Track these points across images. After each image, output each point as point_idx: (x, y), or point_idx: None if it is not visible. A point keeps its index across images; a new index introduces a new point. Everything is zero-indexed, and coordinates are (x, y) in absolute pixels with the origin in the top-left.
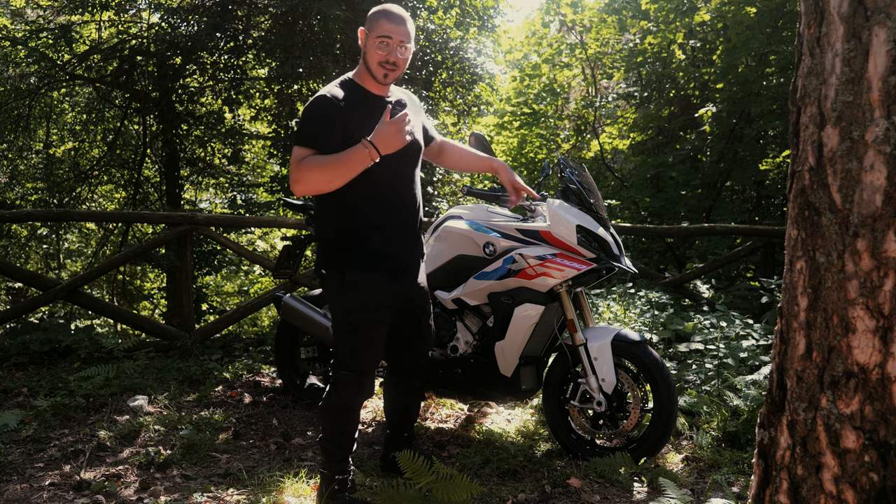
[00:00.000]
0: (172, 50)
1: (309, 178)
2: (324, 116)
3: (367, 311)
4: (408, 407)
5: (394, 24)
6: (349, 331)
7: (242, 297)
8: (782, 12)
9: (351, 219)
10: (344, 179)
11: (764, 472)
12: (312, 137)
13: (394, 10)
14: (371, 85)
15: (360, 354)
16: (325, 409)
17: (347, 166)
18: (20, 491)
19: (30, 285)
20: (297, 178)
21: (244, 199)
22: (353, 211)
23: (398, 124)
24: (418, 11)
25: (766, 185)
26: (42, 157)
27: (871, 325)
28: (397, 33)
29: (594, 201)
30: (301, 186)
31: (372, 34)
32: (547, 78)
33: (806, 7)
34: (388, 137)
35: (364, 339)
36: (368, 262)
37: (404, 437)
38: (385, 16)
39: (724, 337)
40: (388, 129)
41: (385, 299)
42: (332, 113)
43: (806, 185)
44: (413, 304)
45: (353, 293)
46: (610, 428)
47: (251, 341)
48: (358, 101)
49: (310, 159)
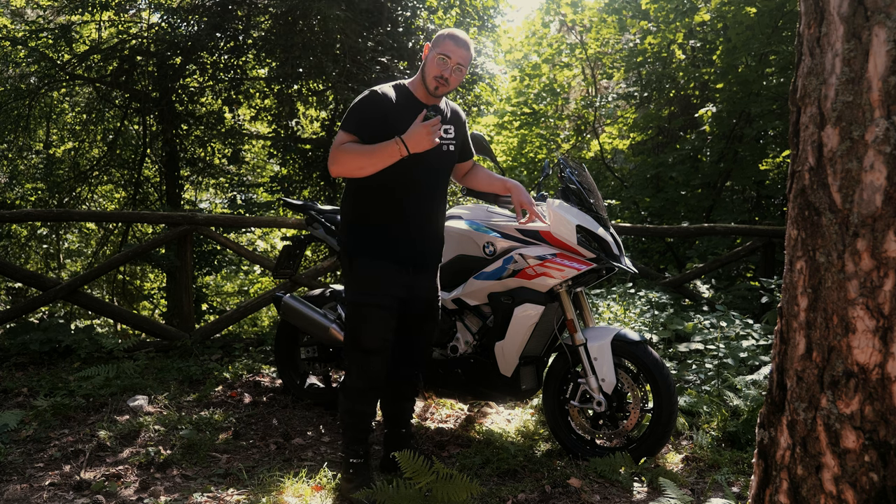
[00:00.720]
0: (172, 50)
1: (344, 161)
2: (369, 109)
3: (370, 296)
4: (404, 402)
5: (457, 46)
6: (354, 311)
7: (242, 297)
8: (782, 12)
9: (368, 203)
10: (374, 168)
11: (764, 472)
12: (355, 124)
13: (460, 36)
14: (421, 94)
15: (363, 334)
16: (340, 391)
17: (379, 157)
18: (20, 491)
19: (30, 285)
20: (334, 158)
21: (244, 199)
22: (372, 197)
23: (429, 127)
24: (418, 11)
25: (766, 185)
26: (42, 157)
27: (871, 325)
28: (456, 55)
29: (594, 201)
30: (336, 167)
31: (435, 50)
32: (547, 78)
33: (806, 7)
34: (418, 138)
35: (367, 321)
36: (376, 250)
37: (402, 434)
38: (451, 38)
39: (724, 337)
40: (420, 130)
41: (389, 287)
42: (379, 107)
43: (806, 185)
44: (419, 299)
45: (359, 277)
46: (610, 428)
47: (251, 341)
48: (405, 105)
49: (348, 145)
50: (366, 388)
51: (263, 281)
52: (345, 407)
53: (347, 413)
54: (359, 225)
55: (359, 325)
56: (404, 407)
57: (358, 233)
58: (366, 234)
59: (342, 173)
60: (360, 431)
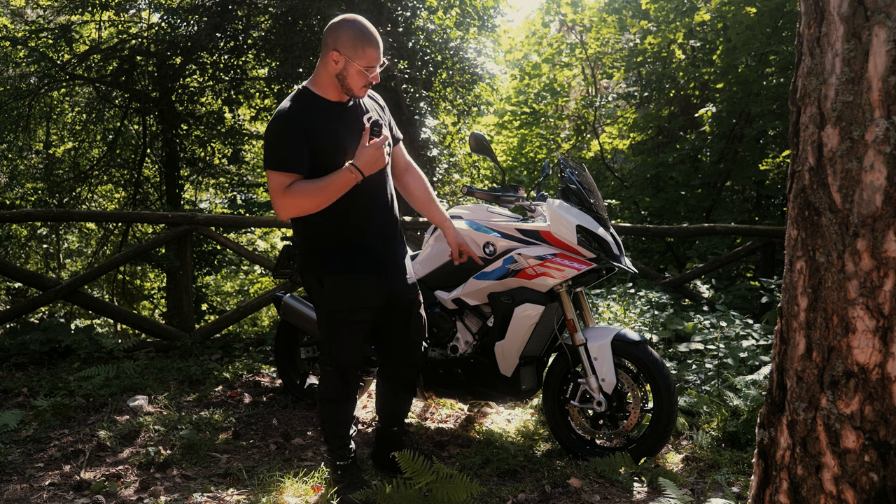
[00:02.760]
0: (172, 50)
1: (297, 205)
2: (289, 135)
3: (345, 313)
4: (400, 400)
5: (378, 50)
6: (329, 330)
7: (242, 297)
8: (782, 12)
9: (327, 222)
10: (330, 201)
11: (764, 472)
12: (287, 160)
13: (374, 35)
14: (332, 94)
15: (339, 352)
16: (318, 400)
17: (334, 190)
18: (20, 491)
19: (30, 285)
20: (283, 204)
21: (244, 199)
22: (329, 215)
23: (379, 146)
24: (418, 11)
25: (766, 185)
26: (42, 157)
27: (871, 325)
28: (379, 59)
29: (594, 201)
30: (288, 212)
31: (356, 62)
32: (547, 77)
33: (806, 7)
34: (371, 160)
35: (344, 338)
36: (345, 263)
37: (394, 432)
38: (369, 43)
39: (724, 337)
40: (371, 152)
41: (363, 301)
42: (296, 128)
43: (806, 185)
44: (399, 300)
45: (331, 295)
46: (610, 428)
47: (251, 341)
48: (318, 111)
49: (296, 187)
50: (342, 398)
51: (263, 281)
52: (325, 416)
53: (328, 422)
54: (319, 245)
55: (333, 340)
56: (401, 408)
57: (319, 253)
58: (328, 252)
59: (296, 215)
60: (343, 437)
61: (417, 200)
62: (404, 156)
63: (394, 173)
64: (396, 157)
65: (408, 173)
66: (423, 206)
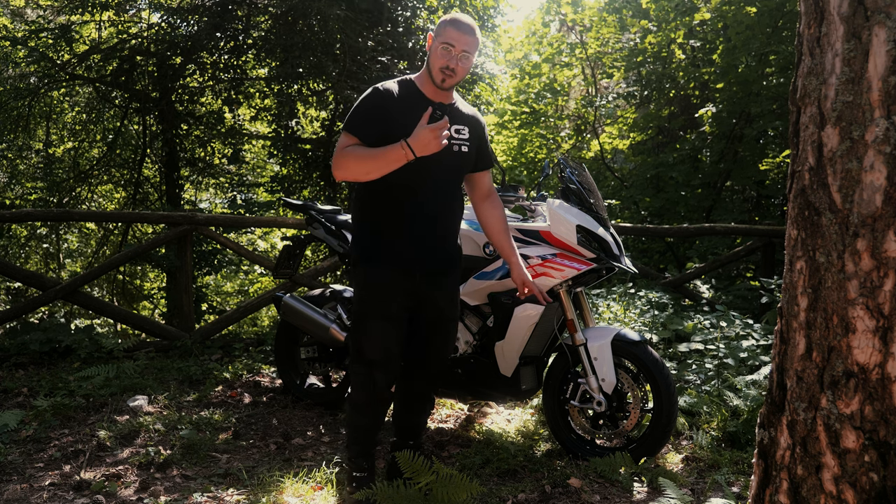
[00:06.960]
0: (172, 50)
1: (348, 166)
2: (372, 108)
3: (373, 304)
4: (411, 412)
5: (460, 32)
6: (358, 322)
7: (242, 297)
8: (782, 12)
9: (374, 207)
10: (380, 173)
11: (764, 472)
12: (357, 126)
13: (462, 20)
14: (429, 90)
15: (365, 345)
16: (346, 403)
17: (384, 161)
18: (20, 491)
19: (30, 285)
20: (337, 163)
21: (244, 199)
22: (378, 201)
23: (436, 130)
24: (418, 11)
25: (766, 185)
26: (42, 157)
27: (871, 325)
28: (461, 42)
29: (594, 201)
30: (340, 172)
31: (437, 39)
32: (547, 77)
33: (806, 7)
34: (425, 140)
35: (370, 332)
36: (381, 257)
37: (409, 445)
38: (453, 24)
39: (724, 337)
40: (426, 132)
41: (392, 296)
42: (382, 105)
43: (806, 185)
44: (429, 306)
45: (364, 286)
46: (610, 428)
47: (251, 341)
48: (411, 101)
49: (352, 149)
50: (369, 402)
51: (263, 281)
52: (349, 419)
53: (351, 426)
54: (365, 232)
55: (362, 335)
56: (416, 422)
57: (364, 240)
58: (371, 240)
59: (346, 178)
60: (364, 445)
61: (491, 229)
62: (489, 184)
63: (474, 198)
64: (481, 182)
65: (489, 200)
66: (497, 237)
